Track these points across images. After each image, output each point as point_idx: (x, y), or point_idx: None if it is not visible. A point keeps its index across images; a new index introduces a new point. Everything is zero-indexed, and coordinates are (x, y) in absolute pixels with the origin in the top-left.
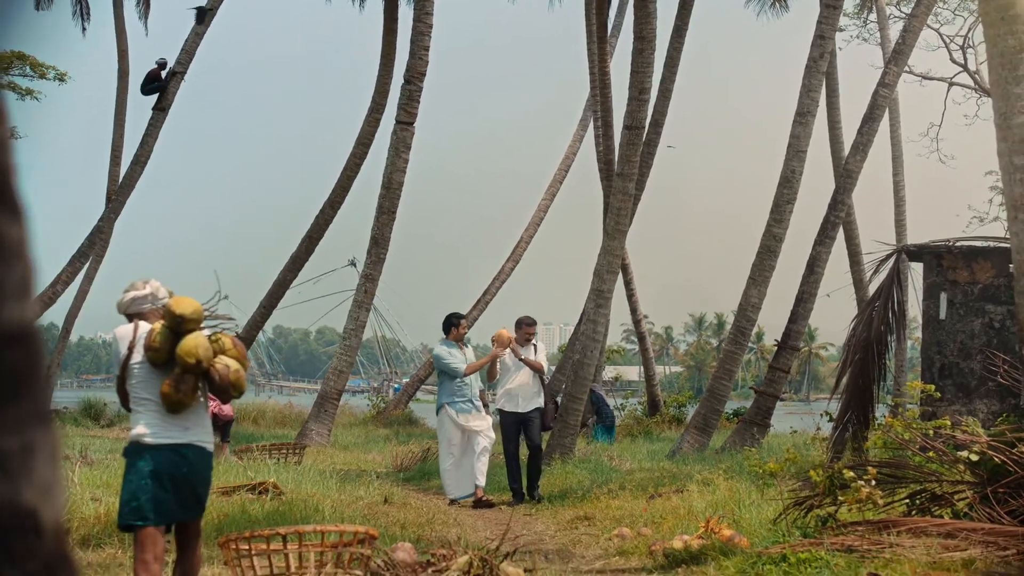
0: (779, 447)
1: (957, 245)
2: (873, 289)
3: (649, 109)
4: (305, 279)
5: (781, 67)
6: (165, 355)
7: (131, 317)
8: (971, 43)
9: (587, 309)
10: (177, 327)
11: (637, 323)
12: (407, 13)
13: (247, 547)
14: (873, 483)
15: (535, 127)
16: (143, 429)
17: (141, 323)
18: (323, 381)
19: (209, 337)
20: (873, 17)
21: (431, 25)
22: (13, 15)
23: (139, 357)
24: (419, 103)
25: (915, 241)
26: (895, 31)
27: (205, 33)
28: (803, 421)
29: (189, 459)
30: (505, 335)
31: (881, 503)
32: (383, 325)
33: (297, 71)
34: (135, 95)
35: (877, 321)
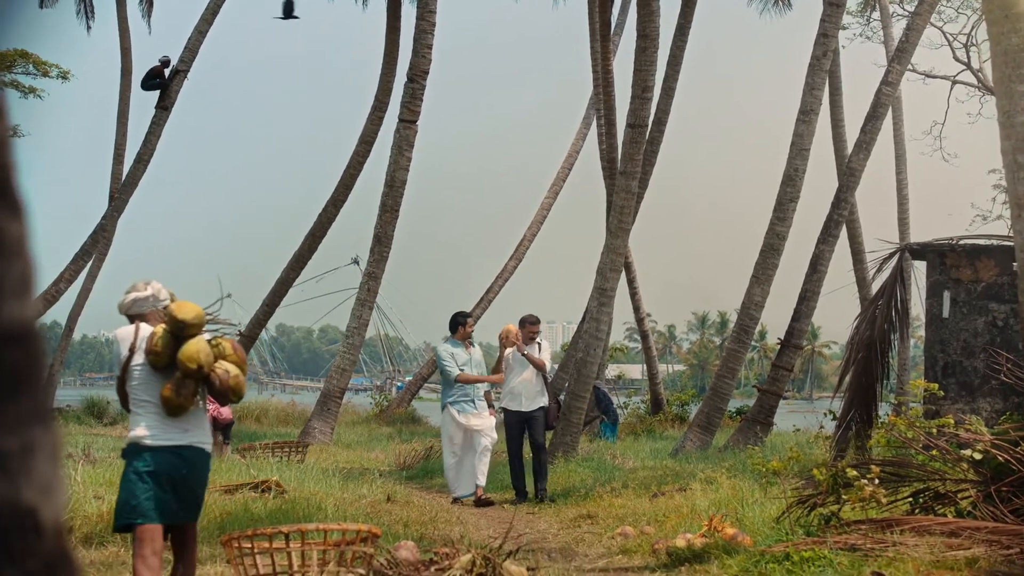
0: (782, 445)
1: (960, 243)
2: (876, 287)
3: (652, 107)
4: (308, 277)
5: (784, 65)
6: (166, 359)
7: (132, 318)
8: (974, 41)
9: (590, 307)
10: (179, 332)
11: (640, 321)
12: (410, 11)
13: (250, 545)
14: (876, 482)
15: (538, 125)
16: (143, 431)
17: (142, 325)
18: (326, 379)
19: (209, 341)
20: (876, 15)
21: (434, 23)
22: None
23: (140, 359)
24: (422, 101)
25: (918, 239)
26: (898, 29)
27: (208, 31)
28: (806, 419)
29: (188, 460)
30: (513, 331)
31: (884, 502)
32: (386, 323)
33: (300, 70)
34: (138, 93)
35: (880, 319)
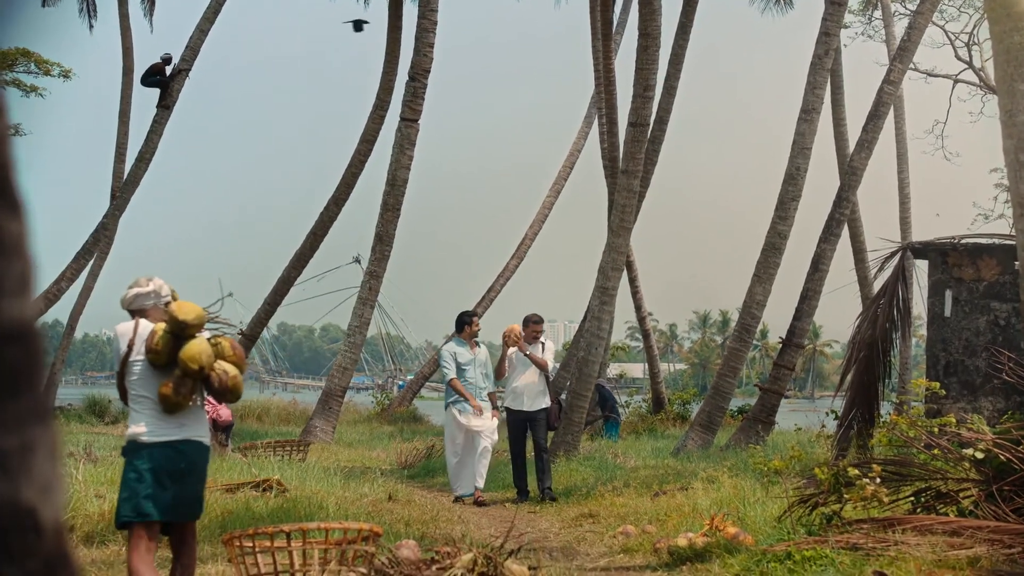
0: (784, 444)
1: (962, 242)
2: (878, 286)
3: (654, 106)
4: (309, 276)
5: (786, 64)
6: (166, 359)
7: (134, 313)
8: (976, 40)
9: (592, 306)
10: (180, 332)
11: (641, 320)
12: (412, 10)
13: (251, 544)
14: (878, 481)
15: (540, 124)
16: (140, 428)
17: (142, 321)
18: (327, 378)
19: (209, 340)
20: (878, 14)
21: (435, 22)
22: (18, 12)
23: (139, 355)
24: (424, 100)
25: (920, 238)
26: (900, 28)
27: (210, 30)
28: (808, 418)
29: (186, 454)
30: (516, 330)
31: (886, 501)
32: (387, 322)
33: (301, 69)
34: (139, 92)
35: (882, 318)
